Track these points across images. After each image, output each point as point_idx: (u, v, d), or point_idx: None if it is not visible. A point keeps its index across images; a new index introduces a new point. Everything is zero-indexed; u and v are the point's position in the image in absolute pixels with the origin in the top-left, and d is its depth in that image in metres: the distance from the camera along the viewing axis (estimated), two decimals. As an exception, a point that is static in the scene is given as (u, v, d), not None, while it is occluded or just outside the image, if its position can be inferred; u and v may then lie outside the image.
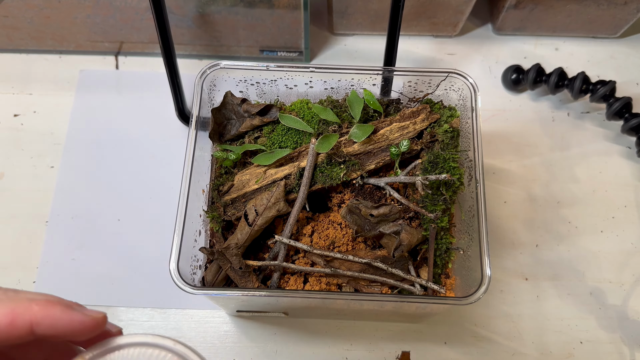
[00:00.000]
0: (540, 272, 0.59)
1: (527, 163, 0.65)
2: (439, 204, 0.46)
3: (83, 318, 0.25)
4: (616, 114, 0.63)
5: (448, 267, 0.48)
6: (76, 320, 0.24)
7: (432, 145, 0.49)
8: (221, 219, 0.48)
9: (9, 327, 0.23)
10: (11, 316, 0.23)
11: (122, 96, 0.68)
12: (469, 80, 0.49)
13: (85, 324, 0.25)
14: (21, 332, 0.23)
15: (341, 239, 0.48)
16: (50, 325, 0.24)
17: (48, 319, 0.24)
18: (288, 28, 0.64)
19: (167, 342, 0.26)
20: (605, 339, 0.56)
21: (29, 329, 0.23)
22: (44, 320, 0.24)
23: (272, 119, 0.51)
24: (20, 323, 0.23)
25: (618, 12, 0.67)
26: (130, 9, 0.62)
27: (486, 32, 0.74)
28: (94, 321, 0.25)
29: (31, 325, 0.23)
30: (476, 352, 0.56)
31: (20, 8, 0.62)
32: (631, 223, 0.62)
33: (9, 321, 0.23)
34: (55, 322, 0.24)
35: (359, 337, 0.56)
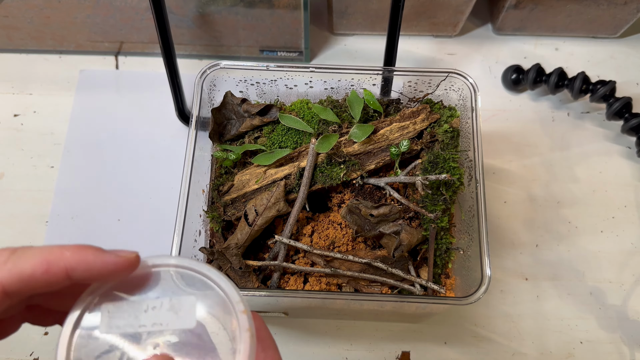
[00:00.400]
0: (540, 272, 0.59)
1: (527, 163, 0.65)
2: (439, 204, 0.46)
3: (116, 259, 0.25)
4: (616, 114, 0.63)
5: (448, 267, 0.48)
6: (109, 261, 0.25)
7: (432, 145, 0.49)
8: (221, 219, 0.48)
9: (45, 274, 0.24)
10: (46, 264, 0.24)
11: (122, 96, 0.68)
12: (469, 80, 0.49)
13: (119, 264, 0.25)
14: (57, 278, 0.24)
15: (341, 239, 0.48)
16: (84, 269, 0.25)
17: (82, 263, 0.24)
18: (288, 28, 0.64)
19: (202, 267, 0.26)
20: (605, 339, 0.56)
21: (64, 274, 0.24)
22: (78, 265, 0.24)
23: (272, 119, 0.51)
24: (55, 270, 0.24)
25: (618, 12, 0.67)
26: (130, 9, 0.62)
27: (486, 32, 0.74)
28: (127, 261, 0.26)
29: (66, 271, 0.24)
30: (476, 352, 0.56)
31: (20, 8, 0.62)
32: (631, 223, 0.62)
33: (44, 269, 0.24)
34: (89, 265, 0.25)
35: (359, 337, 0.56)
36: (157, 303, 0.25)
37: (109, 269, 0.25)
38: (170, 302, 0.25)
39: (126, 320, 0.25)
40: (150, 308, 0.25)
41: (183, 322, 0.25)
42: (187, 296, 0.25)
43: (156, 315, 0.25)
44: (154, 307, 0.25)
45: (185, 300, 0.25)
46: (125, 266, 0.26)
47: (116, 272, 0.25)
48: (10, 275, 0.24)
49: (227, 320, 0.25)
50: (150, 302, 0.25)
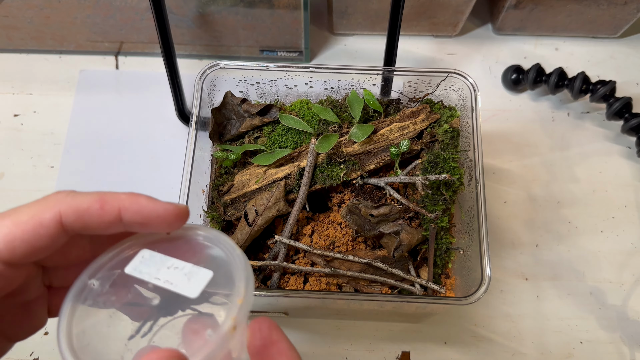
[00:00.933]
0: (540, 272, 0.59)
1: (527, 163, 0.65)
2: (439, 204, 0.46)
3: (167, 206, 0.26)
4: (616, 114, 0.63)
5: (448, 267, 0.48)
6: (160, 207, 0.26)
7: (432, 145, 0.49)
8: (221, 219, 0.48)
9: (100, 211, 0.25)
10: (101, 201, 0.25)
11: (122, 96, 0.68)
12: (469, 80, 0.49)
13: (169, 211, 0.26)
14: (110, 217, 0.25)
15: (341, 239, 0.48)
16: (136, 211, 0.25)
17: (135, 205, 0.25)
18: (288, 28, 0.64)
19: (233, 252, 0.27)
20: (605, 339, 0.56)
21: (117, 214, 0.25)
22: (131, 207, 0.25)
23: (272, 119, 0.51)
24: (109, 208, 0.25)
25: (618, 12, 0.67)
26: (130, 9, 0.62)
27: (486, 32, 0.74)
28: (177, 209, 0.26)
29: (119, 211, 0.25)
30: (476, 352, 0.56)
31: (20, 8, 0.62)
32: (631, 223, 0.62)
33: (99, 206, 0.25)
34: (141, 208, 0.26)
35: (359, 337, 0.56)
36: (179, 264, 0.26)
37: (159, 214, 0.26)
38: (191, 269, 0.26)
39: (149, 269, 0.26)
40: (173, 267, 0.26)
41: (189, 290, 0.26)
42: (206, 270, 0.26)
43: (172, 275, 0.26)
44: (176, 267, 0.26)
45: (202, 273, 0.26)
46: (175, 215, 0.26)
47: (166, 219, 0.26)
48: (69, 206, 0.25)
49: (220, 308, 0.27)
50: (175, 261, 0.27)
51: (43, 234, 0.25)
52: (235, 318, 0.24)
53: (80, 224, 0.25)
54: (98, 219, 0.25)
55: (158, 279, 0.26)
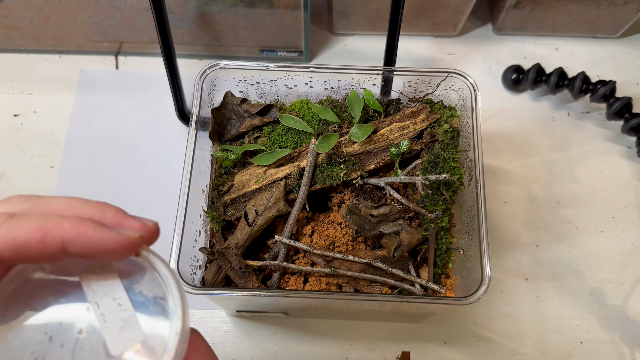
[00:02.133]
0: (541, 272, 0.59)
1: (527, 163, 0.65)
2: (439, 204, 0.46)
3: (117, 237, 0.23)
4: (616, 114, 0.63)
5: (448, 267, 0.48)
6: (109, 239, 0.23)
7: (432, 145, 0.49)
8: (221, 219, 0.48)
9: (40, 244, 0.22)
10: (42, 232, 0.22)
11: (122, 96, 0.68)
12: (469, 80, 0.49)
13: (119, 243, 0.23)
14: (52, 249, 0.22)
15: (341, 239, 0.48)
16: (82, 243, 0.23)
17: (80, 237, 0.23)
18: (288, 28, 0.64)
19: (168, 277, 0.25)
20: (606, 339, 0.56)
21: (60, 247, 0.23)
22: (76, 239, 0.23)
23: (272, 119, 0.51)
24: (51, 240, 0.22)
25: (618, 12, 0.67)
26: (130, 9, 0.62)
27: (486, 32, 0.74)
28: (129, 241, 0.24)
29: (62, 243, 0.23)
30: (476, 352, 0.56)
31: (20, 8, 0.62)
32: (631, 223, 0.62)
33: (39, 238, 0.22)
34: (87, 241, 0.23)
35: (359, 337, 0.56)
36: (125, 303, 0.24)
37: (107, 246, 0.23)
38: (129, 317, 0.24)
39: (99, 289, 0.24)
40: (117, 302, 0.24)
41: (114, 342, 0.24)
42: (141, 331, 0.24)
43: (111, 311, 0.24)
44: (120, 305, 0.24)
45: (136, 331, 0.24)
46: (126, 247, 0.24)
47: (116, 251, 0.24)
48: (4, 240, 0.22)
49: None
50: (124, 296, 0.24)
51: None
52: None
53: (19, 258, 0.23)
54: (38, 252, 0.22)
55: (97, 305, 0.24)
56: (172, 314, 0.24)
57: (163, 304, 0.25)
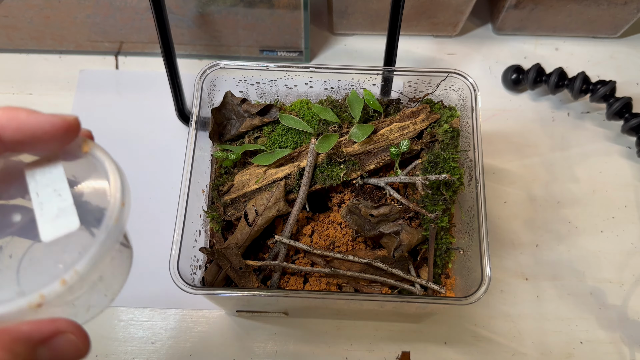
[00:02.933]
0: (541, 272, 0.59)
1: (527, 163, 0.65)
2: (439, 204, 0.46)
3: (51, 119, 0.23)
4: (616, 114, 0.63)
5: (448, 267, 0.48)
6: (43, 120, 0.22)
7: (432, 145, 0.49)
8: (221, 219, 0.48)
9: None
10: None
11: (122, 96, 0.68)
12: (469, 80, 0.49)
13: (55, 124, 0.23)
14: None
15: (341, 239, 0.48)
16: (16, 128, 0.22)
17: (13, 121, 0.22)
18: (288, 28, 0.64)
19: None
20: (605, 339, 0.56)
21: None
22: (9, 123, 0.22)
23: (272, 119, 0.51)
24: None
25: (618, 12, 0.67)
26: (130, 9, 0.62)
27: (486, 32, 0.74)
28: (64, 122, 0.23)
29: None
30: (476, 352, 0.56)
31: (20, 8, 0.62)
32: (631, 223, 0.62)
33: None
34: (21, 124, 0.22)
35: (359, 337, 0.56)
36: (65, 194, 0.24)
37: (43, 128, 0.22)
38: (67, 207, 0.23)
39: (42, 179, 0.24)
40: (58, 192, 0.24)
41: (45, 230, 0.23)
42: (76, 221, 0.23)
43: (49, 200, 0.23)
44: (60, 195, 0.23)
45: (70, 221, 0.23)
46: (62, 127, 0.23)
47: (52, 134, 0.23)
48: None
49: None
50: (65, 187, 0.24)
51: None
52: None
53: None
54: None
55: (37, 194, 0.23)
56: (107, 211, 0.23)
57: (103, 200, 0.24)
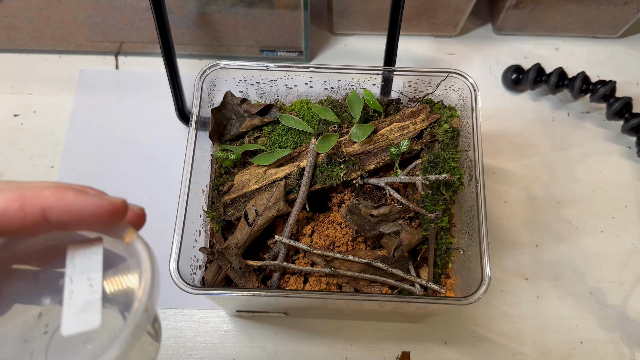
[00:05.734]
0: (541, 272, 0.59)
1: (527, 163, 0.65)
2: (439, 204, 0.46)
3: (99, 202, 0.22)
4: (616, 114, 0.63)
5: (448, 267, 0.48)
6: (90, 203, 0.22)
7: (432, 145, 0.49)
8: (221, 219, 0.48)
9: (19, 212, 0.21)
10: (20, 201, 0.21)
11: (122, 96, 0.68)
12: (469, 80, 0.49)
13: (102, 207, 0.22)
14: (33, 217, 0.22)
15: (341, 239, 0.48)
16: (63, 209, 0.22)
17: (61, 203, 0.22)
18: (288, 28, 0.64)
19: None
20: (606, 339, 0.56)
21: (40, 214, 0.22)
22: (57, 205, 0.22)
23: (272, 119, 0.51)
24: (30, 208, 0.22)
25: (618, 12, 0.67)
26: (130, 9, 0.62)
27: (486, 32, 0.74)
28: (112, 206, 0.23)
29: (43, 210, 0.22)
30: (476, 352, 0.56)
31: (20, 8, 0.62)
32: (631, 223, 0.62)
33: (18, 206, 0.21)
34: (69, 206, 0.22)
35: (359, 337, 0.56)
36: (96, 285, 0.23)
37: (90, 211, 0.22)
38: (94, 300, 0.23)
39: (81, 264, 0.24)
40: (89, 282, 0.23)
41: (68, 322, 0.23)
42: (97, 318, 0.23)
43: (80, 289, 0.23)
44: (91, 285, 0.23)
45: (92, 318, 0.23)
46: (109, 211, 0.23)
47: (99, 217, 0.23)
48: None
49: None
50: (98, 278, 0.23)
51: None
52: None
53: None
54: (18, 222, 0.21)
55: (71, 280, 0.23)
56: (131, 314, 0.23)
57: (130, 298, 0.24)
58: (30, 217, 0.22)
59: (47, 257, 0.25)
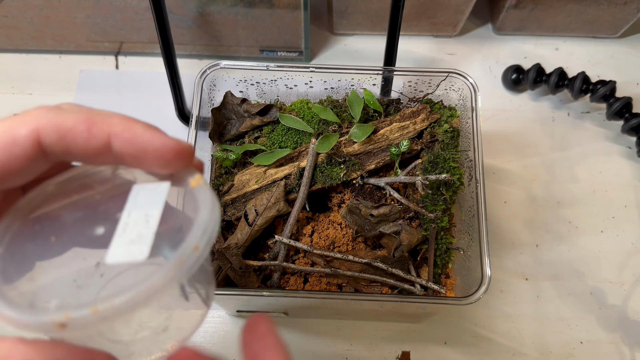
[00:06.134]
0: (541, 272, 0.59)
1: (527, 163, 0.65)
2: (439, 204, 0.46)
3: (165, 139, 0.22)
4: (616, 114, 0.63)
5: (448, 267, 0.48)
6: (157, 139, 0.21)
7: (432, 145, 0.49)
8: (221, 219, 0.48)
9: (86, 133, 0.21)
10: (88, 123, 0.21)
11: (122, 96, 0.68)
12: (469, 80, 0.49)
13: (167, 145, 0.22)
14: (98, 142, 0.21)
15: (341, 239, 0.48)
16: (129, 139, 0.21)
17: (127, 132, 0.21)
18: (288, 28, 0.64)
19: None
20: (606, 339, 0.56)
21: (106, 141, 0.21)
22: (123, 134, 0.21)
23: (272, 119, 0.51)
24: (97, 131, 0.21)
25: (618, 12, 0.67)
26: (130, 9, 0.62)
27: (486, 32, 0.74)
28: (178, 145, 0.22)
29: (109, 136, 0.21)
30: (476, 352, 0.56)
31: (20, 8, 0.62)
32: (631, 223, 0.62)
33: (85, 127, 0.21)
34: (135, 136, 0.21)
35: (359, 337, 0.56)
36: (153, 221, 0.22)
37: (155, 147, 0.21)
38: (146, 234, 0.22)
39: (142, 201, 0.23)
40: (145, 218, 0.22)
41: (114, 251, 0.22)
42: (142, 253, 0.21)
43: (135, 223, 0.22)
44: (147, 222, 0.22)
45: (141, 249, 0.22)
46: (175, 152, 0.22)
47: (163, 155, 0.22)
48: (50, 124, 0.21)
49: None
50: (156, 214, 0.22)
51: (17, 155, 0.21)
52: None
53: (62, 146, 0.21)
54: (83, 143, 0.21)
55: (128, 214, 0.22)
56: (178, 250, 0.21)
57: None
58: (95, 141, 0.21)
59: (111, 199, 0.24)
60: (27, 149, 0.21)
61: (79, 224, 0.24)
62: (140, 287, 0.19)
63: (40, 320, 0.19)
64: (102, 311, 0.19)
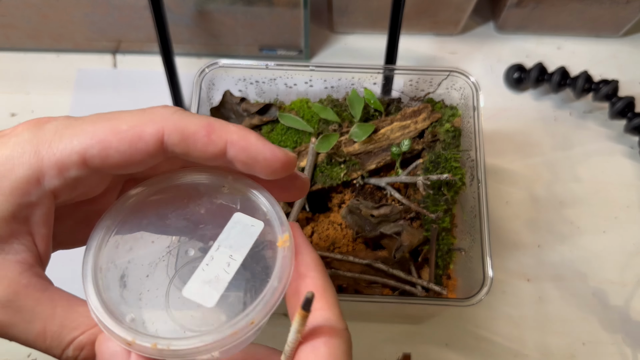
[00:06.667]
0: (543, 273, 0.59)
1: (529, 163, 0.64)
2: (441, 204, 0.46)
3: (275, 149, 0.24)
4: (619, 114, 0.63)
5: (449, 268, 0.47)
6: (268, 149, 0.23)
7: (434, 145, 0.49)
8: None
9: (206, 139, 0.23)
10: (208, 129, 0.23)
11: (120, 95, 0.68)
12: (471, 79, 0.49)
13: (276, 155, 0.24)
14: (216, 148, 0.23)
15: (341, 240, 0.47)
16: (243, 148, 0.23)
17: (243, 141, 0.23)
18: (288, 26, 0.64)
19: None
20: (608, 340, 0.56)
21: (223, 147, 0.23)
22: (239, 142, 0.23)
23: (272, 118, 0.50)
24: (216, 138, 0.23)
25: (621, 10, 0.66)
26: (128, 8, 0.62)
27: (488, 31, 0.73)
28: (286, 156, 0.24)
29: (226, 143, 0.23)
30: (478, 354, 0.55)
31: (17, 7, 0.62)
32: (634, 223, 0.61)
33: (205, 132, 0.23)
34: (249, 145, 0.23)
35: (359, 338, 0.56)
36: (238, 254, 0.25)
37: (265, 156, 0.23)
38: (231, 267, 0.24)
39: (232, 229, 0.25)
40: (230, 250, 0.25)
41: None
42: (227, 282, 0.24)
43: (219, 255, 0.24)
44: (231, 256, 0.24)
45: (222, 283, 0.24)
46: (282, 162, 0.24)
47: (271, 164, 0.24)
48: (175, 126, 0.23)
49: None
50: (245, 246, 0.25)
51: (140, 149, 0.23)
52: None
53: (182, 148, 0.23)
54: (202, 147, 0.23)
55: (217, 247, 0.24)
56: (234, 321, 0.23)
57: None
58: (213, 147, 0.23)
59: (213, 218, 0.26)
60: (151, 145, 0.23)
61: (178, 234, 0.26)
62: (195, 340, 0.22)
63: (114, 332, 0.22)
64: (159, 350, 0.22)
